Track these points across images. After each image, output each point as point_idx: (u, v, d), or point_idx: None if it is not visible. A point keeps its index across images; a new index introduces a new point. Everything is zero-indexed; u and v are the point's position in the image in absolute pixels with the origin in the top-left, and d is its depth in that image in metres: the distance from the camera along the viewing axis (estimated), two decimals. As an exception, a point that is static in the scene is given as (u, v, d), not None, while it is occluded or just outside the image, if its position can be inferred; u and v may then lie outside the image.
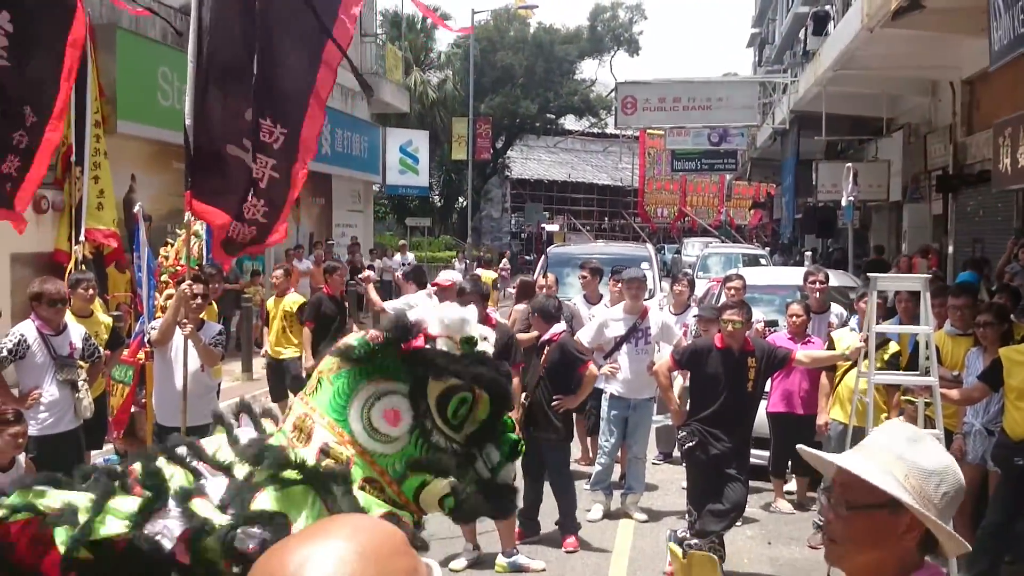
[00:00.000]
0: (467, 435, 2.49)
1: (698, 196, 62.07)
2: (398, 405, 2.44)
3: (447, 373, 2.45)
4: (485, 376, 2.48)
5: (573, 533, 7.07)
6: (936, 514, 1.83)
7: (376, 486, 2.42)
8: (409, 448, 2.42)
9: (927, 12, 11.45)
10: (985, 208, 15.57)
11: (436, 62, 43.62)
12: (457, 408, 2.44)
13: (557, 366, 6.99)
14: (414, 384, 2.45)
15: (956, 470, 1.89)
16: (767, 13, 44.23)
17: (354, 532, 1.13)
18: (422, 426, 2.43)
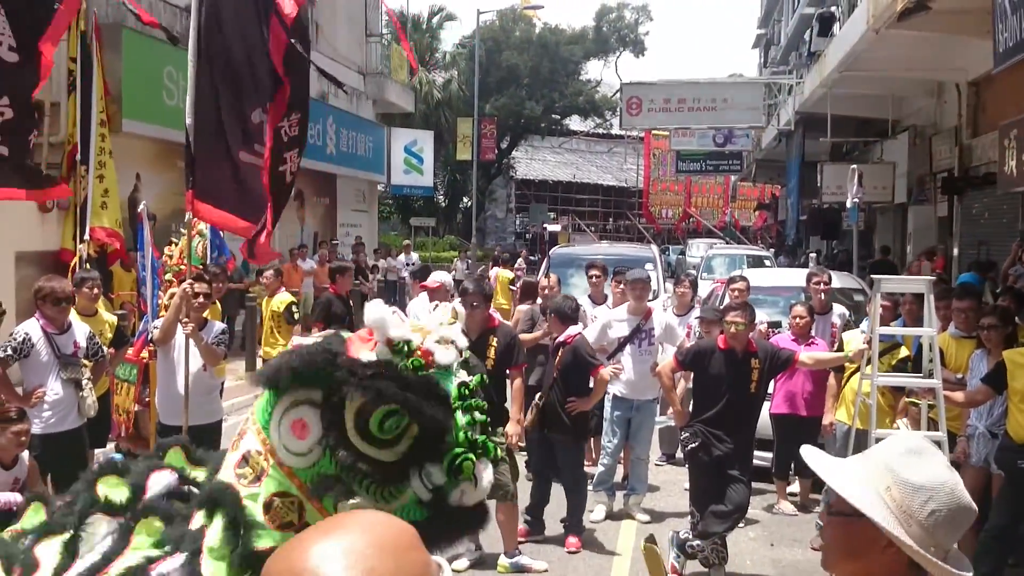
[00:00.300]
0: (402, 452, 2.25)
1: (703, 197, 62.05)
2: (306, 416, 2.25)
3: (355, 388, 2.23)
4: (387, 392, 2.21)
5: (578, 534, 7.08)
6: (920, 532, 1.71)
7: (291, 501, 2.24)
8: (324, 463, 2.23)
9: (933, 13, 11.43)
10: (991, 210, 15.55)
11: (441, 62, 43.64)
12: (383, 422, 2.21)
13: (571, 368, 7.00)
14: (327, 393, 2.25)
15: (953, 490, 1.74)
16: (773, 14, 44.19)
17: (370, 526, 1.14)
18: (327, 441, 2.23)
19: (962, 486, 1.77)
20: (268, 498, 2.29)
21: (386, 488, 2.26)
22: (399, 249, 25.64)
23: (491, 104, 41.70)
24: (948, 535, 1.75)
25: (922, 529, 1.72)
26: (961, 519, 1.75)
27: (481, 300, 6.60)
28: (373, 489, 2.23)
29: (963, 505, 1.75)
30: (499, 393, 6.64)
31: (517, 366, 6.70)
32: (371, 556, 1.09)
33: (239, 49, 5.78)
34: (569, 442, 7.10)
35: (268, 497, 2.29)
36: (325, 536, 1.12)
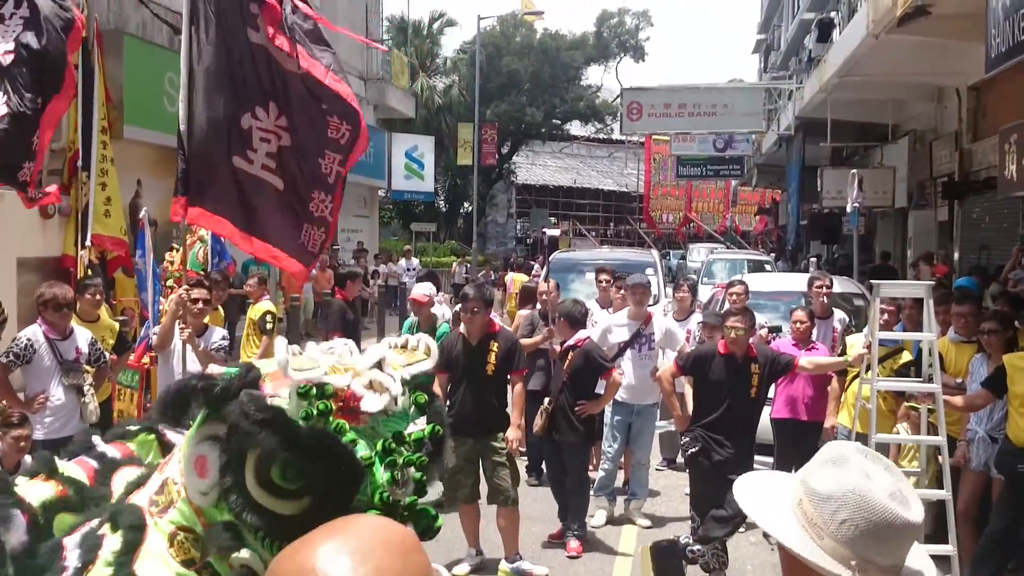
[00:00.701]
0: (305, 507, 1.98)
1: (703, 202, 62.04)
2: (208, 453, 2.04)
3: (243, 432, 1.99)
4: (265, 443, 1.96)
5: (580, 538, 7.09)
6: (834, 545, 1.60)
7: (195, 539, 2.07)
8: (221, 507, 2.02)
9: (933, 19, 11.46)
10: (991, 215, 15.57)
11: (442, 67, 43.71)
12: (285, 471, 1.95)
13: (581, 371, 7.05)
14: (230, 432, 2.01)
15: (865, 497, 1.59)
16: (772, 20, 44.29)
17: (375, 527, 1.16)
18: (223, 484, 2.00)
19: (881, 494, 1.60)
20: (173, 531, 2.14)
21: (284, 545, 2.08)
22: (400, 254, 25.67)
23: (492, 109, 41.75)
24: (875, 548, 1.60)
25: (836, 542, 1.61)
26: (885, 532, 1.59)
27: (481, 306, 6.65)
28: (268, 544, 1.98)
29: (881, 514, 1.59)
30: (500, 398, 6.66)
31: (518, 371, 6.74)
32: (378, 555, 1.11)
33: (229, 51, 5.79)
34: (578, 445, 7.16)
35: (173, 530, 2.15)
36: (332, 536, 1.14)
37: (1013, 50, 7.71)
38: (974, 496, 6.45)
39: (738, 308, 6.89)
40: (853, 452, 1.68)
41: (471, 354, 6.60)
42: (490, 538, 6.89)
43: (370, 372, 2.11)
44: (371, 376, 2.10)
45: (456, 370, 6.63)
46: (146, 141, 13.33)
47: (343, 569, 1.09)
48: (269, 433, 1.97)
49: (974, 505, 6.43)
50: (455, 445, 6.51)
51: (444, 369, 6.69)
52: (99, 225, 10.04)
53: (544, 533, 7.31)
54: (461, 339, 6.71)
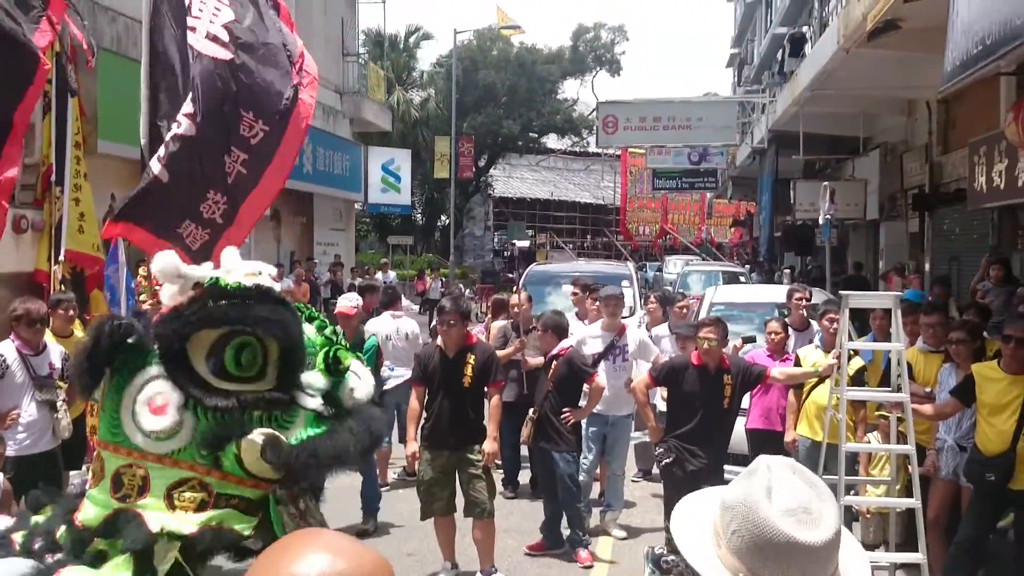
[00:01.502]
0: (275, 378, 2.09)
1: (679, 214, 62.37)
2: (157, 391, 2.07)
3: (181, 330, 2.05)
4: (241, 313, 2.04)
5: (585, 546, 7.13)
6: (727, 555, 1.60)
7: (193, 484, 2.07)
8: (203, 424, 2.05)
9: (903, 32, 11.62)
10: (961, 226, 15.76)
11: (419, 81, 43.79)
12: (238, 359, 2.04)
13: (566, 379, 7.11)
14: (166, 357, 2.07)
15: (753, 511, 1.57)
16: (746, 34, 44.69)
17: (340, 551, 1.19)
18: (193, 397, 2.05)
19: (773, 510, 1.56)
20: (166, 493, 2.16)
21: (276, 414, 2.07)
22: (377, 268, 25.64)
23: (468, 123, 41.84)
24: (761, 564, 1.57)
25: (729, 551, 1.61)
26: (767, 549, 1.55)
27: (458, 318, 6.63)
28: (265, 419, 2.05)
29: (765, 530, 1.56)
30: (476, 411, 6.67)
31: (495, 383, 6.73)
32: (357, 552, 1.16)
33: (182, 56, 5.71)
34: (566, 453, 7.18)
35: (166, 492, 2.16)
36: (308, 541, 1.18)
37: (967, 64, 7.83)
38: (943, 505, 6.52)
39: (711, 319, 6.94)
40: (766, 465, 1.65)
41: (448, 367, 6.60)
42: (465, 551, 6.90)
43: (239, 267, 2.20)
44: (244, 270, 2.19)
45: (433, 382, 6.63)
46: (120, 156, 13.27)
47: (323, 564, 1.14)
48: (215, 307, 2.04)
49: (944, 514, 6.50)
50: (431, 457, 6.53)
51: (421, 381, 6.73)
52: (72, 240, 9.99)
53: (520, 545, 7.31)
54: (438, 351, 6.70)
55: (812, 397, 7.25)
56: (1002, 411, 5.89)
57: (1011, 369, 5.93)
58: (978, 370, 6.13)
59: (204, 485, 2.11)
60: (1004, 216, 14.11)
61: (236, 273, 2.19)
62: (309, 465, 2.11)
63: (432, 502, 6.54)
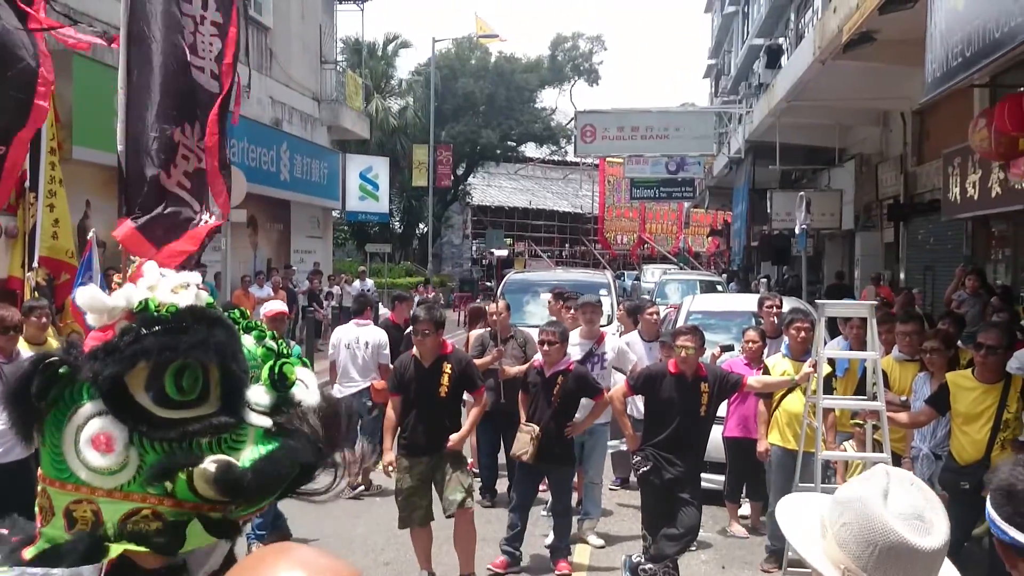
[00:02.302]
0: (218, 397, 2.02)
1: (657, 223, 62.62)
2: (100, 427, 2.00)
3: (114, 365, 1.98)
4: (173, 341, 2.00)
5: (566, 556, 7.08)
6: (833, 547, 1.67)
7: (144, 514, 1.99)
8: (149, 456, 1.98)
9: (877, 44, 11.73)
10: (935, 236, 15.91)
11: (397, 89, 43.77)
12: (178, 383, 2.00)
13: (571, 396, 7.00)
14: (103, 390, 2.00)
15: (867, 509, 1.64)
16: (723, 45, 44.96)
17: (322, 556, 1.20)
18: (138, 431, 1.99)
19: (888, 511, 1.62)
20: (119, 523, 2.11)
21: (225, 438, 2.12)
22: (355, 276, 25.55)
23: (447, 131, 41.85)
24: (863, 553, 1.63)
25: (835, 543, 1.67)
26: (875, 539, 1.61)
27: (432, 328, 6.57)
28: (215, 444, 2.09)
29: (875, 524, 1.61)
30: (453, 420, 6.62)
31: (478, 390, 6.70)
32: (331, 567, 1.16)
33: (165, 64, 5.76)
34: (564, 468, 7.13)
35: (119, 523, 2.11)
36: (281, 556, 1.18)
37: (947, 75, 7.92)
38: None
39: (688, 327, 6.96)
40: (884, 471, 1.71)
41: (424, 376, 6.55)
42: (443, 560, 6.88)
43: (164, 282, 2.09)
44: (168, 284, 2.09)
45: (409, 392, 6.59)
46: (95, 162, 13.18)
47: None
48: (149, 338, 1.94)
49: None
50: (409, 466, 6.48)
51: (397, 391, 6.69)
52: (46, 247, 9.91)
53: (499, 554, 7.26)
54: (414, 361, 6.64)
55: (783, 406, 7.28)
56: (976, 420, 5.94)
57: (985, 378, 5.98)
58: (952, 379, 6.18)
59: (158, 515, 2.08)
60: (978, 226, 14.25)
61: (161, 289, 2.16)
62: (267, 484, 2.09)
63: (412, 511, 6.50)
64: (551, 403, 6.89)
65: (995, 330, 6.21)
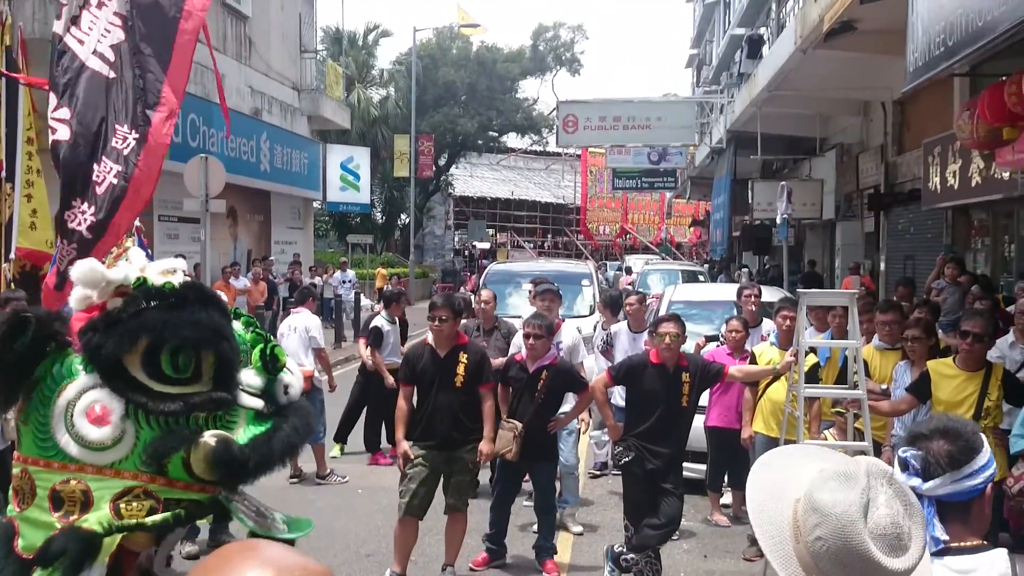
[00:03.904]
0: (211, 378, 2.06)
1: (639, 214, 62.72)
2: (96, 399, 2.01)
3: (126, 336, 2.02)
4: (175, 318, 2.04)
5: (551, 556, 6.97)
6: (805, 554, 1.64)
7: (137, 493, 2.02)
8: (145, 432, 2.01)
9: (858, 34, 11.76)
10: (915, 225, 15.98)
11: (378, 79, 43.60)
12: (174, 362, 2.02)
13: (555, 391, 6.89)
14: (103, 363, 2.03)
15: (847, 526, 1.60)
16: (704, 35, 45.00)
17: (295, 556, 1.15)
18: (137, 403, 2.01)
19: (867, 532, 1.60)
20: (111, 507, 2.08)
21: (221, 416, 2.04)
22: (336, 267, 25.46)
23: (428, 121, 41.73)
24: (836, 573, 1.61)
25: (807, 552, 1.64)
26: (851, 562, 1.59)
27: (450, 314, 6.44)
28: (210, 422, 2.01)
29: (852, 547, 1.59)
30: (468, 411, 6.43)
31: (487, 384, 6.52)
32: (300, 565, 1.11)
33: None
34: (548, 464, 7.01)
35: (111, 506, 2.08)
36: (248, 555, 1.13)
37: (929, 64, 7.93)
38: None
39: (669, 315, 6.94)
40: (868, 475, 1.66)
41: (439, 365, 6.40)
42: (425, 551, 6.86)
43: (152, 266, 2.13)
44: (156, 268, 2.13)
45: (423, 382, 6.44)
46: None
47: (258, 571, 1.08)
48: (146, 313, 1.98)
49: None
50: (422, 456, 6.39)
51: (409, 381, 6.58)
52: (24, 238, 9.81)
53: (480, 544, 7.23)
54: (428, 350, 6.49)
55: (767, 394, 7.30)
56: (957, 408, 5.95)
57: (966, 366, 6.00)
58: (933, 367, 6.19)
59: (149, 493, 2.05)
60: (958, 215, 14.33)
61: (150, 272, 2.14)
62: (260, 464, 2.07)
63: (412, 499, 6.35)
64: (535, 399, 6.76)
65: (980, 318, 6.22)
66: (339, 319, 20.79)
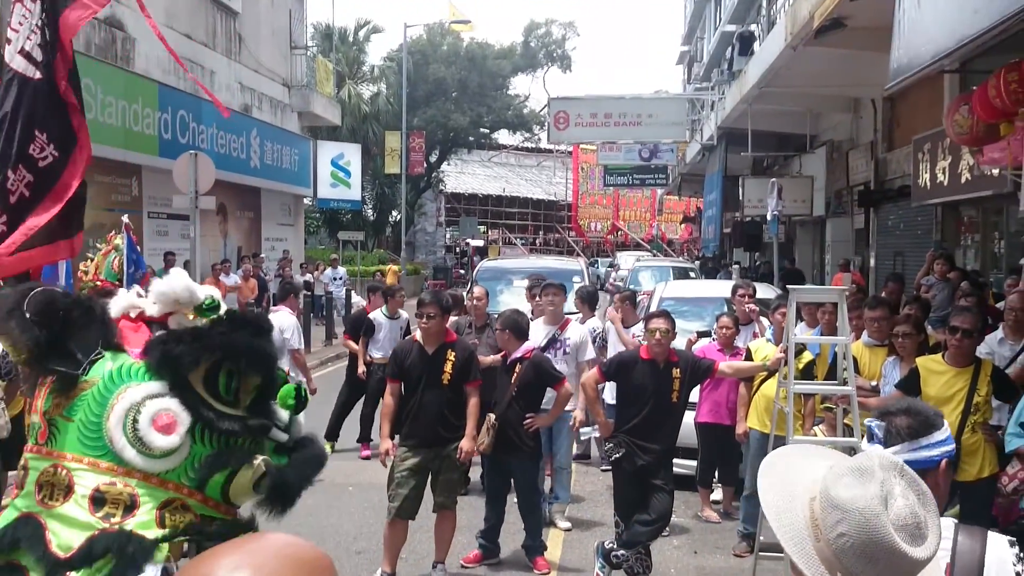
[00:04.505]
0: (247, 406, 2.13)
1: (631, 210, 62.78)
2: (166, 408, 2.06)
3: (201, 352, 2.08)
4: (238, 342, 2.11)
5: (541, 554, 6.97)
6: (827, 552, 1.64)
7: (176, 506, 2.05)
8: (197, 448, 2.06)
9: (848, 31, 11.77)
10: (905, 222, 16.01)
11: (368, 75, 43.51)
12: (228, 382, 2.09)
13: (531, 384, 6.84)
14: (172, 377, 2.08)
15: (870, 520, 1.61)
16: (695, 32, 44.99)
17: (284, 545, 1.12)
18: (204, 419, 2.07)
19: (889, 523, 1.61)
20: (157, 515, 2.09)
21: (258, 443, 2.13)
22: (327, 263, 25.42)
23: (419, 117, 41.67)
24: (862, 567, 1.63)
25: (829, 549, 1.64)
26: (877, 555, 1.61)
27: (438, 311, 6.42)
28: (251, 447, 2.10)
29: (877, 540, 1.61)
30: (454, 409, 6.41)
31: (475, 382, 6.49)
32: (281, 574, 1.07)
33: None
34: (525, 461, 6.90)
35: (157, 514, 2.09)
36: (236, 552, 1.10)
37: (916, 61, 7.93)
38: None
39: (659, 311, 6.94)
40: (882, 468, 1.68)
41: (427, 362, 6.38)
42: (416, 548, 6.85)
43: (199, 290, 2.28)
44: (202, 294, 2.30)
45: (411, 378, 6.41)
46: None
47: None
48: (237, 332, 2.11)
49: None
50: (408, 455, 6.38)
51: (397, 377, 6.56)
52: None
53: (470, 541, 7.22)
54: (416, 347, 6.47)
55: (761, 390, 7.31)
56: (947, 404, 5.96)
57: (956, 362, 6.00)
58: (923, 363, 6.20)
59: (187, 507, 2.09)
60: (947, 212, 14.36)
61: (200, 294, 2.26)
62: (285, 494, 2.15)
63: (403, 502, 6.31)
64: (511, 391, 6.76)
65: (970, 314, 6.23)
66: (330, 316, 20.76)
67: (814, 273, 21.36)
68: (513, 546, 7.17)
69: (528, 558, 6.93)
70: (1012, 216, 12.65)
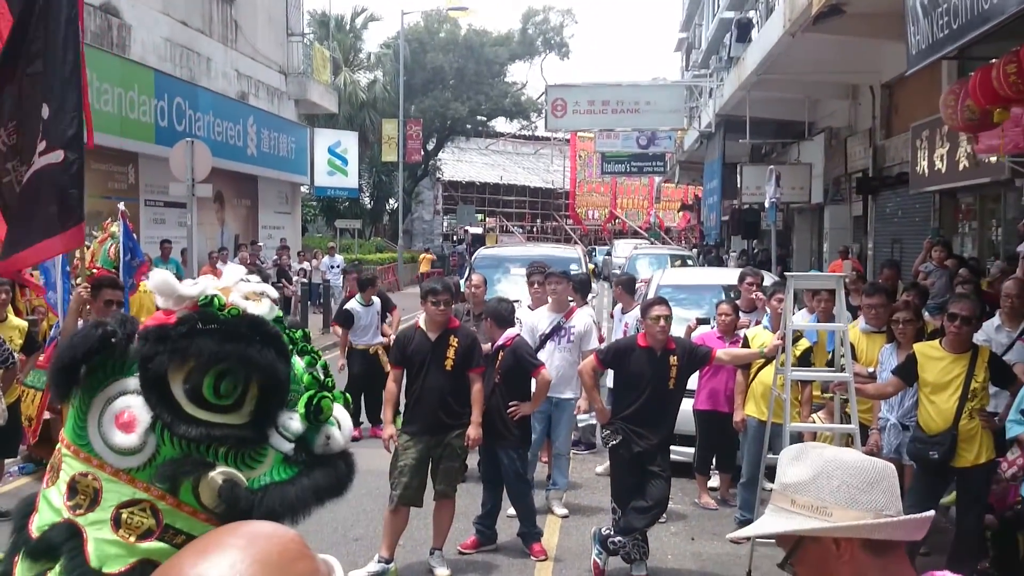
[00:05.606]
0: (250, 412, 2.04)
1: (628, 198, 62.74)
2: (128, 405, 2.00)
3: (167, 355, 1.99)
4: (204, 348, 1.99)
5: (537, 540, 6.98)
6: (843, 510, 1.67)
7: (144, 507, 1.99)
8: (165, 450, 1.98)
9: (847, 17, 11.73)
10: (903, 209, 16.01)
11: (366, 63, 43.39)
12: (217, 386, 1.99)
13: (513, 371, 6.83)
14: (145, 374, 2.01)
15: (843, 461, 1.71)
16: (694, 18, 44.87)
17: (251, 540, 1.08)
18: (164, 420, 1.99)
19: (850, 453, 1.76)
20: (114, 512, 2.06)
21: (245, 452, 2.02)
22: (324, 252, 25.38)
23: (416, 105, 41.57)
24: (877, 495, 1.68)
25: (844, 508, 1.68)
26: (875, 476, 1.69)
27: (449, 298, 6.43)
28: (231, 456, 1.99)
29: (862, 465, 1.71)
30: (457, 395, 6.41)
31: (477, 368, 6.48)
32: (255, 574, 1.03)
33: None
34: (512, 448, 6.88)
35: (114, 512, 2.07)
36: (202, 557, 1.05)
37: (933, 47, 7.90)
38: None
39: (657, 298, 6.93)
40: (809, 446, 1.81)
41: (430, 348, 6.37)
42: (413, 535, 6.85)
43: (240, 286, 2.15)
44: (243, 289, 2.14)
45: (413, 364, 6.41)
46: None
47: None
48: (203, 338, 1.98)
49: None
50: (410, 442, 6.36)
51: (400, 363, 6.55)
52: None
53: (467, 528, 7.21)
54: (419, 333, 6.46)
55: (759, 377, 7.31)
56: (944, 390, 5.97)
57: (953, 348, 6.01)
58: (920, 349, 6.20)
59: (155, 510, 2.04)
60: (945, 199, 14.35)
61: (236, 293, 2.14)
62: (269, 513, 2.05)
63: (405, 490, 6.29)
64: (493, 378, 6.77)
65: (968, 301, 6.23)
66: (327, 304, 20.73)
67: (812, 260, 21.35)
68: (510, 532, 7.18)
69: (524, 544, 6.94)
70: (1009, 203, 12.64)
